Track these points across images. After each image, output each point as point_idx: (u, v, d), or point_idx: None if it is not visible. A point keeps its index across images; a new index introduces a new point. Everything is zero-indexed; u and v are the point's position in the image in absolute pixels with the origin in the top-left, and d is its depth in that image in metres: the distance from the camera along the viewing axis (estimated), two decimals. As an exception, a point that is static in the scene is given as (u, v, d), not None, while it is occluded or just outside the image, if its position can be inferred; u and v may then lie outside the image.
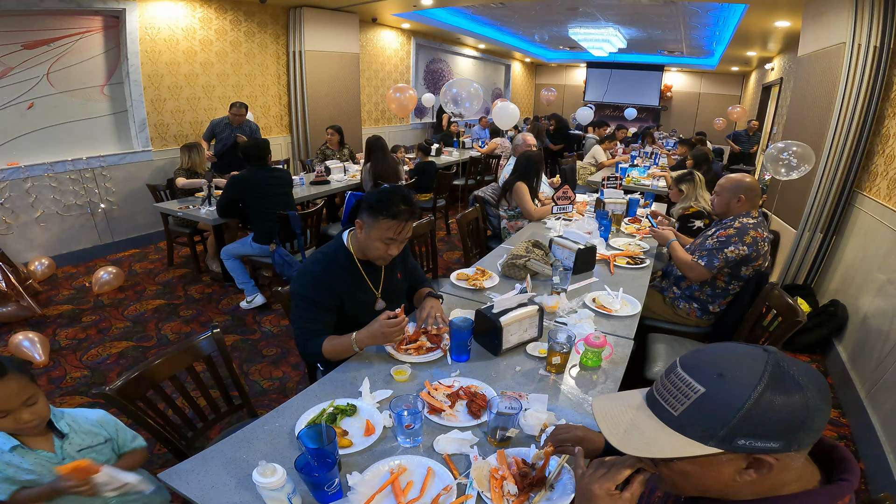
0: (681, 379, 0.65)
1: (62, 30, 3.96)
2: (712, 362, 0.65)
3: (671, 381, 0.67)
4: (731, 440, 0.61)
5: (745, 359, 0.64)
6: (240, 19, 5.34)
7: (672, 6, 5.87)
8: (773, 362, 0.62)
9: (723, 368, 0.63)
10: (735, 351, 0.66)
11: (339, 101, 6.45)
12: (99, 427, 1.26)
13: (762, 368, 0.61)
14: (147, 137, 4.64)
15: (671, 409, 0.65)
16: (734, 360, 0.64)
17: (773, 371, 0.61)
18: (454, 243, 5.10)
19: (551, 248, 2.43)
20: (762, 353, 0.64)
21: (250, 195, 3.21)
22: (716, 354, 0.66)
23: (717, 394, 0.62)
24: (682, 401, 0.64)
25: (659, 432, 0.65)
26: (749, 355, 0.64)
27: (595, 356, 1.53)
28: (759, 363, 0.62)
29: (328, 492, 1.00)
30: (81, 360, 2.81)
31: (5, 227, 3.83)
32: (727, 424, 0.60)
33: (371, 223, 1.54)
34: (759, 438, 0.60)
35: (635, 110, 10.89)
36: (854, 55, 3.14)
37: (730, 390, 0.61)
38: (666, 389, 0.67)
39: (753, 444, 0.60)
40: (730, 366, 0.63)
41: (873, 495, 1.34)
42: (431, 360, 1.56)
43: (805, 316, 1.86)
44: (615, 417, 0.72)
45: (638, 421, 0.69)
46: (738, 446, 0.61)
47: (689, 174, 3.25)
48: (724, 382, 0.62)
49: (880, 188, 2.95)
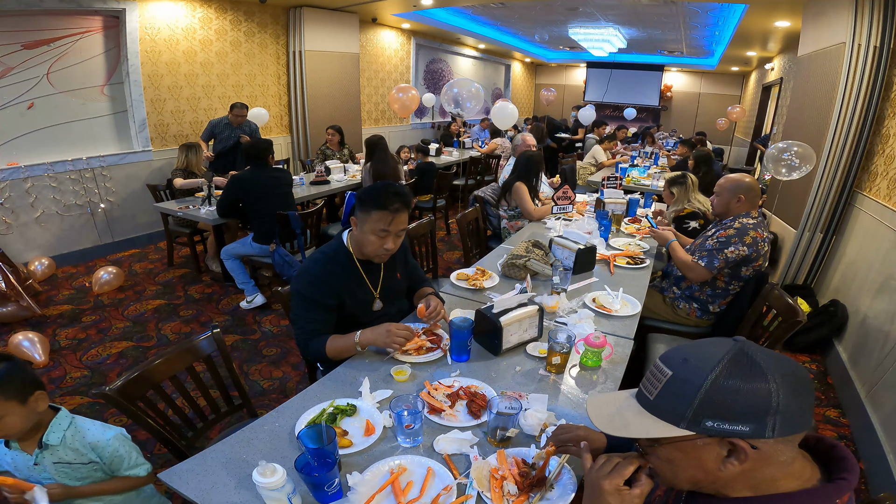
0: (656, 366, 0.71)
1: (62, 30, 3.96)
2: (682, 350, 0.70)
3: (650, 370, 0.72)
4: (698, 421, 0.64)
5: (711, 346, 0.68)
6: (240, 19, 5.35)
7: (672, 6, 5.87)
8: (737, 349, 0.65)
9: (688, 354, 0.69)
10: (706, 341, 0.71)
11: (339, 101, 6.45)
12: (89, 450, 1.24)
13: (723, 353, 0.65)
14: (147, 137, 4.64)
15: (648, 395, 0.71)
16: (700, 347, 0.69)
17: (735, 356, 0.65)
18: (454, 243, 5.10)
19: (551, 248, 2.43)
20: (730, 342, 0.68)
21: (250, 195, 3.20)
22: (689, 345, 0.72)
23: (681, 376, 0.67)
24: (656, 385, 0.69)
25: (638, 415, 0.71)
26: (716, 344, 0.69)
27: (595, 356, 1.53)
28: (721, 349, 0.66)
29: (328, 492, 1.00)
30: (81, 360, 2.81)
31: (5, 227, 3.83)
32: (691, 405, 0.64)
33: (364, 217, 1.55)
34: (725, 420, 0.63)
35: (635, 110, 10.88)
36: (854, 55, 3.14)
37: (691, 371, 0.66)
38: (646, 378, 0.73)
39: (721, 427, 0.63)
40: (695, 352, 0.68)
41: (873, 495, 1.34)
42: (431, 360, 1.56)
43: (805, 316, 1.86)
44: (604, 406, 0.78)
45: (622, 407, 0.74)
46: (707, 428, 0.64)
47: (682, 177, 3.24)
48: (687, 365, 0.67)
49: (880, 188, 2.95)
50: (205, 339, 1.56)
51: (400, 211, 1.54)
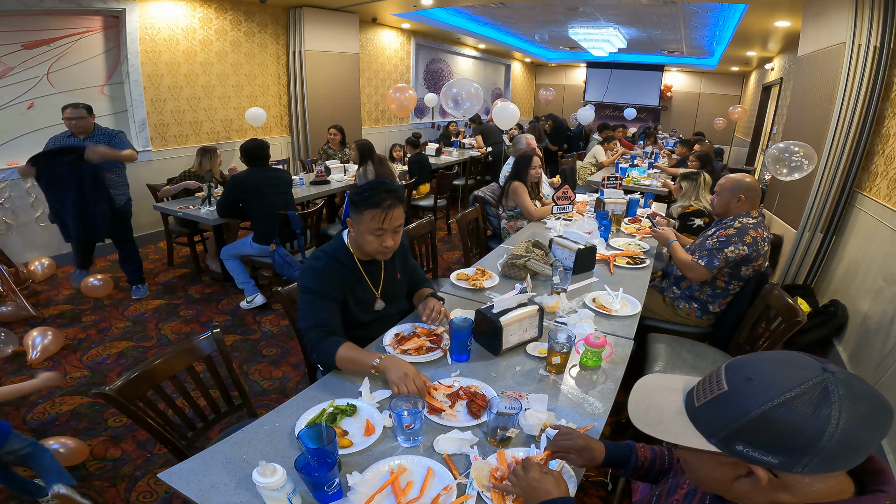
0: (717, 374, 0.66)
1: (62, 30, 3.96)
2: (752, 366, 0.64)
3: (710, 375, 0.67)
4: (729, 443, 0.61)
5: (788, 370, 0.61)
6: (240, 19, 5.34)
7: (672, 6, 5.87)
8: (819, 382, 0.58)
9: (755, 373, 0.62)
10: (787, 359, 0.63)
11: (339, 101, 6.45)
12: None
13: (798, 383, 0.58)
14: (147, 137, 4.64)
15: (695, 399, 0.67)
16: (775, 367, 0.62)
17: (810, 389, 0.57)
18: (454, 243, 5.10)
19: (551, 248, 2.43)
20: (817, 370, 0.59)
21: (250, 195, 3.20)
22: (764, 359, 0.64)
23: (736, 395, 0.62)
24: (707, 394, 0.65)
25: (674, 416, 0.67)
26: (797, 367, 0.61)
27: (595, 356, 1.53)
28: (799, 377, 0.59)
29: (328, 492, 1.00)
30: (81, 360, 2.81)
31: (5, 227, 3.83)
32: (730, 426, 0.61)
33: (358, 218, 1.55)
34: (757, 449, 0.59)
35: (635, 110, 10.88)
36: (854, 55, 3.14)
37: (750, 393, 0.60)
38: (703, 382, 0.68)
39: (750, 453, 0.60)
40: (766, 372, 0.62)
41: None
42: (431, 360, 1.56)
43: (805, 316, 1.86)
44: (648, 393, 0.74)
45: (665, 401, 0.71)
46: (736, 451, 0.61)
47: (696, 173, 3.26)
48: (749, 385, 0.61)
49: (880, 188, 2.95)
50: (205, 339, 1.56)
51: (393, 207, 1.53)
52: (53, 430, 2.24)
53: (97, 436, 2.21)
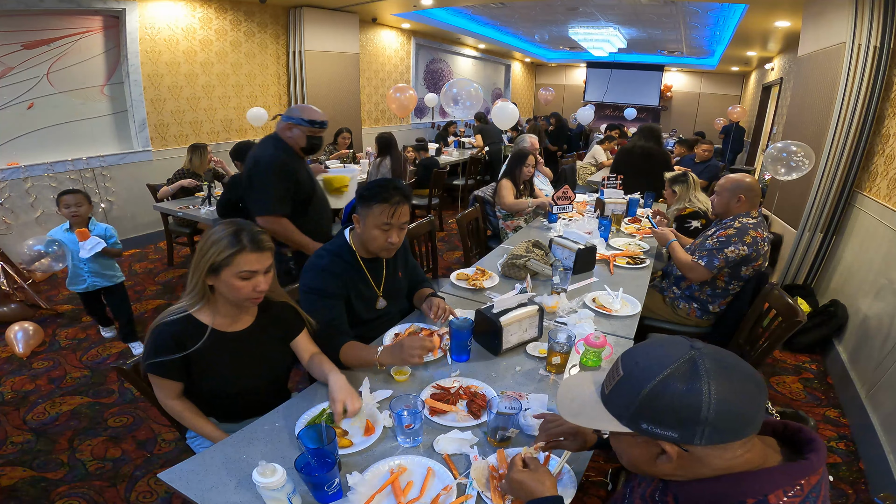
0: (617, 362, 0.74)
1: (62, 30, 3.96)
2: (638, 352, 0.72)
3: (613, 365, 0.75)
4: (636, 422, 0.68)
5: (664, 350, 0.69)
6: (240, 19, 5.34)
7: (672, 6, 5.87)
8: (687, 358, 0.66)
9: (640, 357, 0.70)
10: (664, 341, 0.71)
11: (339, 101, 6.45)
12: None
13: (672, 360, 0.66)
14: (147, 137, 4.64)
15: (606, 388, 0.74)
16: (654, 350, 0.70)
17: (680, 365, 0.65)
18: (454, 243, 5.10)
19: (551, 248, 2.43)
20: (685, 348, 0.68)
21: (250, 195, 3.19)
22: (647, 345, 0.74)
23: (630, 378, 0.69)
24: (612, 381, 0.73)
25: (594, 405, 0.75)
26: (671, 346, 0.69)
27: (595, 356, 1.52)
28: (672, 356, 0.67)
29: (328, 492, 1.00)
30: (81, 360, 2.81)
31: (5, 227, 3.83)
32: (630, 407, 0.68)
33: (366, 213, 1.56)
34: (657, 426, 0.66)
35: (635, 110, 10.88)
36: (854, 55, 3.14)
37: (639, 375, 0.68)
38: (610, 370, 0.76)
39: (654, 430, 0.66)
40: (648, 353, 0.70)
41: (873, 495, 1.34)
42: (431, 360, 1.56)
43: (805, 316, 1.86)
44: (574, 387, 0.81)
45: (584, 393, 0.78)
46: (643, 430, 0.67)
47: (683, 175, 3.24)
48: (637, 368, 0.69)
49: (880, 188, 2.95)
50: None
51: (401, 203, 1.55)
52: (53, 429, 2.24)
53: (97, 436, 2.21)
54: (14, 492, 1.90)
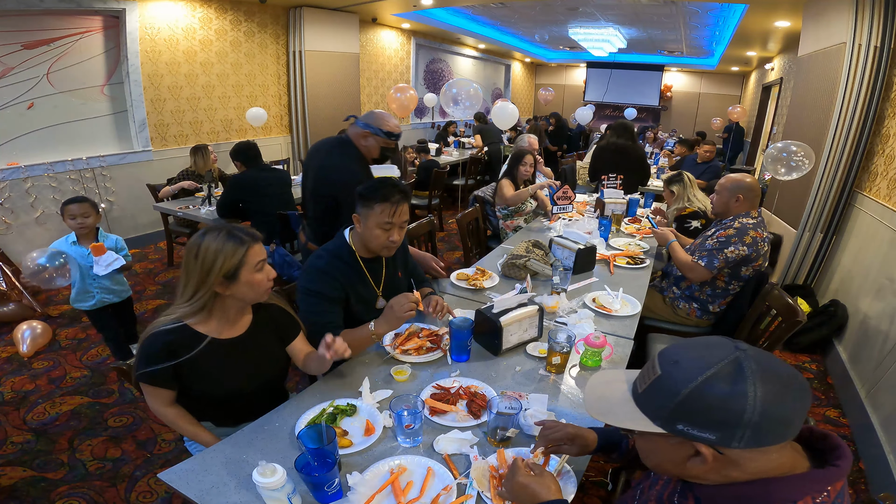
0: (652, 361, 0.72)
1: (62, 30, 3.96)
2: (678, 351, 0.70)
3: (648, 364, 0.74)
4: (672, 423, 0.66)
5: (707, 350, 0.67)
6: (240, 19, 5.34)
7: (672, 6, 5.87)
8: (732, 359, 0.64)
9: (681, 356, 0.68)
10: (707, 342, 0.70)
11: (339, 101, 6.45)
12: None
13: (716, 361, 0.64)
14: (147, 137, 4.64)
15: (639, 387, 0.72)
16: (696, 350, 0.68)
17: (725, 366, 0.64)
18: (454, 243, 5.10)
19: (551, 248, 2.43)
20: (730, 349, 0.66)
21: (250, 195, 3.21)
22: (687, 344, 0.71)
23: (668, 378, 0.67)
24: (647, 380, 0.71)
25: (624, 404, 0.73)
26: (714, 347, 0.67)
27: (595, 356, 1.53)
28: (716, 356, 0.65)
29: (328, 492, 1.00)
30: (81, 360, 2.81)
31: (5, 227, 3.83)
32: (667, 407, 0.66)
33: (366, 212, 1.56)
34: (694, 427, 0.64)
35: (635, 110, 10.88)
36: (854, 55, 3.13)
37: (679, 375, 0.66)
38: (643, 370, 0.74)
39: (690, 431, 0.65)
40: (689, 354, 0.68)
41: (873, 495, 1.34)
42: (431, 360, 1.56)
43: (805, 316, 1.86)
44: (602, 385, 0.80)
45: (613, 392, 0.76)
46: (678, 431, 0.66)
47: (679, 175, 3.23)
48: (676, 367, 0.67)
49: (880, 188, 2.95)
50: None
51: (401, 202, 1.57)
52: (53, 429, 2.24)
53: (97, 436, 2.21)
54: (14, 492, 1.90)
